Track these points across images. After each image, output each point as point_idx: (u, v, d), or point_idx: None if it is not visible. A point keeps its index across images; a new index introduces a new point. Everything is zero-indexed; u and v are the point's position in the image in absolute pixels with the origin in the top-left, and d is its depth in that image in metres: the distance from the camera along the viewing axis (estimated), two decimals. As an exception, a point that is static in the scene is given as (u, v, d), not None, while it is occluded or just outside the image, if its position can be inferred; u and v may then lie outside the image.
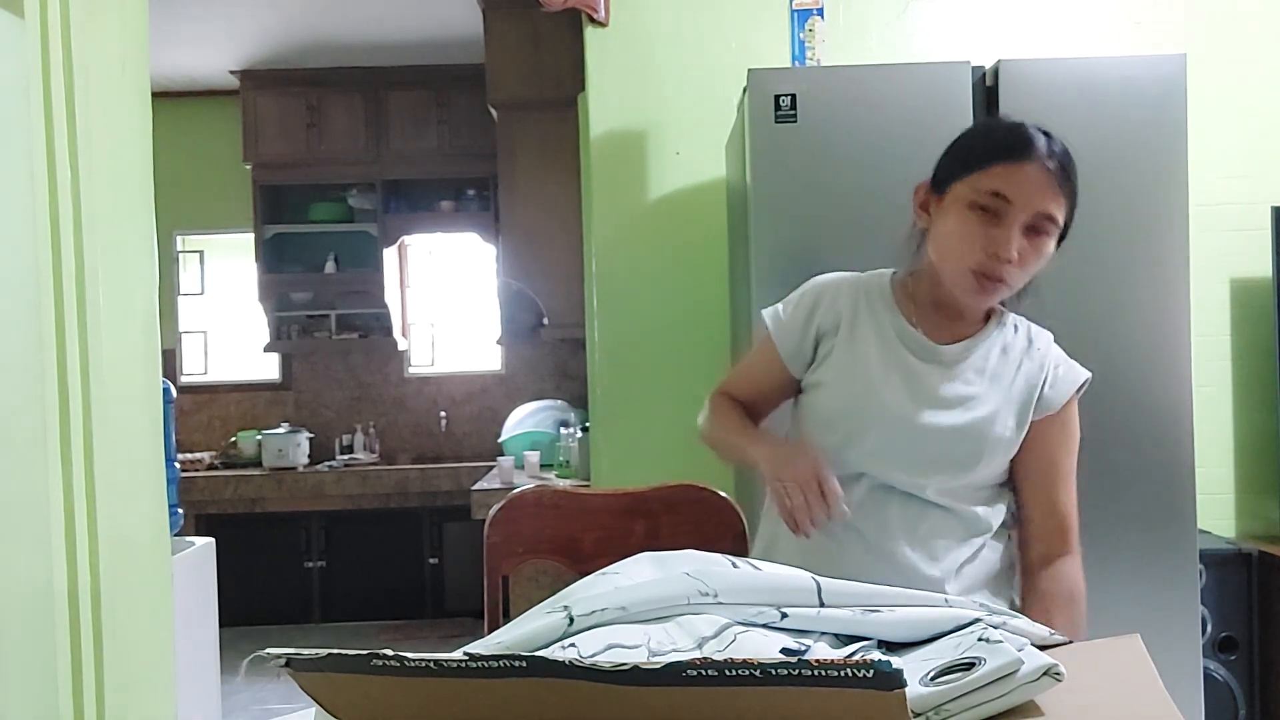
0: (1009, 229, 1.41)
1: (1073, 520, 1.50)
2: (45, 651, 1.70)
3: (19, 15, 1.66)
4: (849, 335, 1.53)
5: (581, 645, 1.00)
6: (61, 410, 1.74)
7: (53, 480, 1.72)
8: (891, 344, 1.51)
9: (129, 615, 1.88)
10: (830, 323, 1.55)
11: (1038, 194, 1.41)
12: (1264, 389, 3.17)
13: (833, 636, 1.06)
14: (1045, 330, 1.58)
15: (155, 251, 2.08)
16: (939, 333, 1.52)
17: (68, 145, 1.75)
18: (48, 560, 1.71)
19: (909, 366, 1.50)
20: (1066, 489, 1.50)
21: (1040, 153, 1.42)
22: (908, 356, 1.50)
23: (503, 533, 1.65)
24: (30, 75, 1.69)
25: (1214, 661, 2.85)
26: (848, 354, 1.52)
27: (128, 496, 1.90)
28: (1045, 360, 1.52)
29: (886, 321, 1.53)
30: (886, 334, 1.52)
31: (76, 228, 1.76)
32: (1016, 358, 1.52)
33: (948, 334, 1.52)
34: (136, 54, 1.98)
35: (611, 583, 1.12)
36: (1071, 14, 3.22)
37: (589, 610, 1.04)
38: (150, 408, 2.04)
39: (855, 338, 1.53)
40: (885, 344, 1.51)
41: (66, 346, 1.74)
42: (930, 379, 1.49)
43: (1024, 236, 1.42)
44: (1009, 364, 1.51)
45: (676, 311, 3.20)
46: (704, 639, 1.01)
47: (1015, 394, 1.49)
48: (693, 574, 1.07)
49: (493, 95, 4.19)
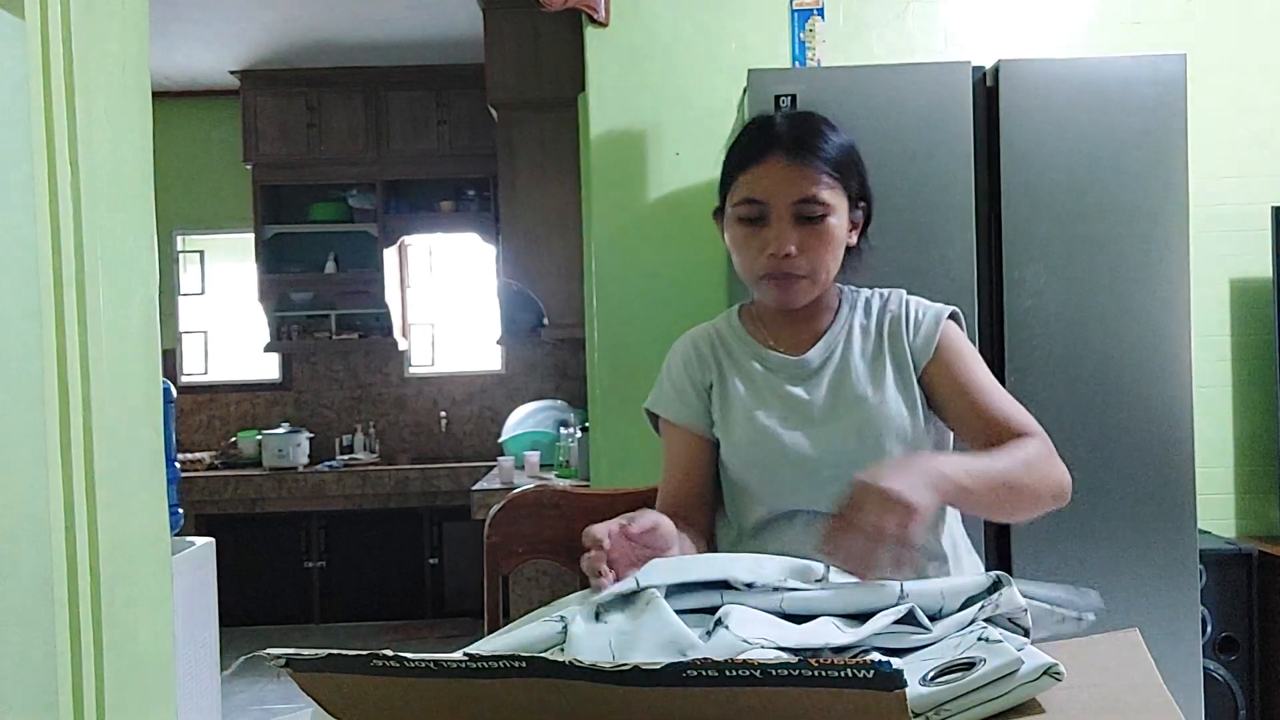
0: (776, 226, 1.41)
1: (1017, 418, 1.41)
2: (45, 651, 1.70)
3: (19, 15, 1.66)
4: (721, 385, 1.51)
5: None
6: (61, 410, 1.74)
7: (53, 480, 1.72)
8: (757, 377, 1.49)
9: (129, 615, 1.88)
10: (705, 376, 1.52)
11: (787, 185, 1.40)
12: (1264, 389, 3.18)
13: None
14: (898, 289, 1.54)
15: (155, 251, 2.08)
16: (798, 341, 1.50)
17: (68, 145, 1.75)
18: (48, 560, 1.71)
19: (783, 394, 1.47)
20: (994, 398, 1.43)
21: (780, 144, 1.40)
22: (778, 384, 1.48)
23: (503, 533, 1.65)
24: (30, 75, 1.69)
25: (1214, 661, 2.86)
26: (728, 403, 1.49)
27: (128, 496, 1.90)
28: (901, 314, 1.49)
29: (746, 354, 1.52)
30: (750, 368, 1.50)
31: (76, 228, 1.76)
32: (876, 326, 1.49)
33: (807, 336, 1.50)
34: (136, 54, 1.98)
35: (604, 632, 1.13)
36: (1071, 14, 3.22)
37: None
38: (150, 407, 2.04)
39: (726, 385, 1.51)
40: (752, 380, 1.49)
41: (66, 346, 1.74)
42: (806, 396, 1.46)
43: (799, 226, 1.40)
44: (871, 337, 1.48)
45: (676, 311, 3.20)
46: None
47: (889, 363, 1.46)
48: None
49: (493, 95, 4.19)
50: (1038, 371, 2.51)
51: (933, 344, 1.46)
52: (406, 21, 5.03)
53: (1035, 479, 1.33)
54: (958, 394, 1.44)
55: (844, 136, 1.46)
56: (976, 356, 1.49)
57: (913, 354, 1.46)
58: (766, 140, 1.42)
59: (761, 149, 1.42)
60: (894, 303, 1.51)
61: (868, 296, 1.54)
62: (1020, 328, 2.52)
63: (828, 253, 1.43)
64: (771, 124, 1.44)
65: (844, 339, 1.49)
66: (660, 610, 1.04)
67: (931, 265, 2.46)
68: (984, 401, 1.43)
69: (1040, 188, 2.51)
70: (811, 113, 1.48)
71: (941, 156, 2.49)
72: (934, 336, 1.46)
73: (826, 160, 1.41)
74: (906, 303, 1.51)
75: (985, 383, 1.45)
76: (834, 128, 1.45)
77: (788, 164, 1.40)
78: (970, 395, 1.43)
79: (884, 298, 1.52)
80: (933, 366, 1.45)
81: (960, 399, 1.44)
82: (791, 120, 1.44)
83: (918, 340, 1.46)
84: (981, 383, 1.45)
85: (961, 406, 1.44)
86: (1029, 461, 1.34)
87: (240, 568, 5.23)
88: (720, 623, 1.01)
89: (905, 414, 1.43)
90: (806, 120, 1.45)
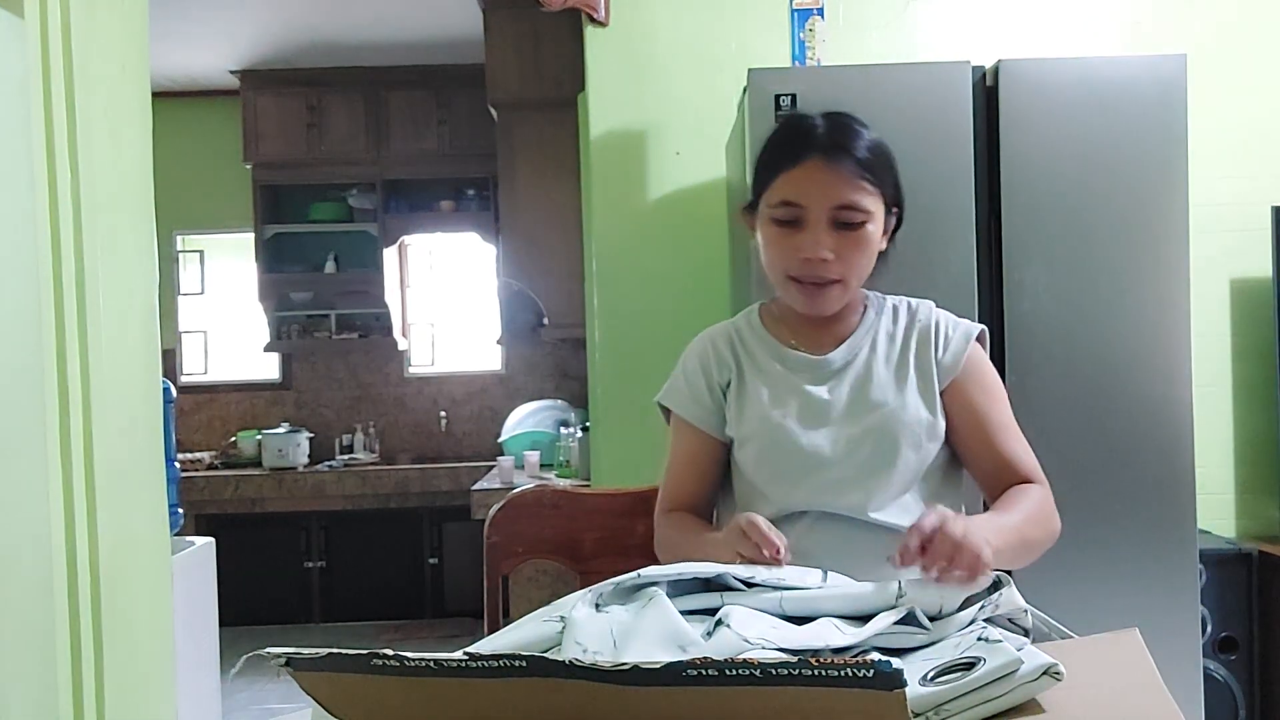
0: (812, 231, 1.39)
1: (1025, 461, 1.43)
2: (45, 651, 1.70)
3: (19, 15, 1.66)
4: (739, 383, 1.50)
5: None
6: (61, 410, 1.74)
7: (53, 480, 1.72)
8: (778, 377, 1.48)
9: (129, 615, 1.88)
10: (722, 375, 1.51)
11: (827, 190, 1.38)
12: (1264, 389, 3.17)
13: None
14: (926, 300, 1.53)
15: (155, 251, 2.08)
16: (820, 342, 1.49)
17: (68, 145, 1.75)
18: (48, 560, 1.71)
19: (802, 394, 1.45)
20: (1007, 438, 1.44)
21: (818, 146, 1.39)
22: (798, 383, 1.46)
23: (503, 533, 1.65)
24: (30, 75, 1.69)
25: (1214, 661, 2.86)
26: (745, 402, 1.48)
27: (128, 496, 1.90)
28: (931, 328, 1.48)
29: (766, 354, 1.50)
30: (770, 367, 1.49)
31: (76, 228, 1.76)
32: (903, 336, 1.48)
33: (830, 339, 1.49)
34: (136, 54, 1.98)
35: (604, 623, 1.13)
36: (1072, 14, 3.22)
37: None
38: (150, 407, 2.04)
39: (745, 383, 1.49)
40: (772, 379, 1.48)
41: (66, 346, 1.74)
42: (826, 397, 1.44)
43: (836, 231, 1.39)
44: (897, 345, 1.47)
45: (677, 311, 3.19)
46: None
47: (913, 372, 1.45)
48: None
49: (493, 95, 4.19)
50: (1038, 371, 2.51)
51: (960, 363, 1.45)
52: (406, 21, 5.03)
53: (1042, 534, 1.38)
54: (973, 425, 1.44)
55: (881, 140, 1.44)
56: (999, 385, 1.49)
57: (939, 369, 1.45)
58: (807, 142, 1.40)
59: (801, 150, 1.40)
60: (923, 314, 1.50)
61: (895, 304, 1.53)
62: (1020, 328, 2.51)
63: (862, 259, 1.42)
64: (811, 125, 1.42)
65: (869, 344, 1.48)
66: (663, 606, 1.04)
67: (931, 265, 2.46)
68: (997, 440, 1.43)
69: (1040, 187, 2.51)
70: (847, 114, 1.45)
71: (941, 156, 2.49)
72: (961, 355, 1.46)
73: (866, 166, 1.40)
74: (936, 316, 1.50)
75: (1002, 419, 1.45)
76: (868, 128, 1.44)
77: (827, 168, 1.38)
78: (985, 430, 1.44)
79: (912, 309, 1.51)
80: (955, 386, 1.45)
81: (975, 431, 1.44)
82: (831, 122, 1.42)
83: (946, 357, 1.46)
84: (998, 419, 1.45)
85: (974, 439, 1.44)
86: (1036, 517, 1.37)
87: (240, 568, 5.23)
88: (721, 622, 1.01)
89: (924, 423, 1.42)
90: (846, 123, 1.43)
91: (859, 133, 1.42)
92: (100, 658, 1.78)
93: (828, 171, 1.38)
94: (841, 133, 1.41)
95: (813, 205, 1.39)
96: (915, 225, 1.56)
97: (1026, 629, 1.18)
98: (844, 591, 1.11)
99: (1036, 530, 1.36)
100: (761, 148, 1.48)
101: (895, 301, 1.53)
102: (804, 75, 2.62)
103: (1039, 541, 1.37)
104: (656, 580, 1.10)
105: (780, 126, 1.47)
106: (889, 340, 1.48)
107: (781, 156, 1.42)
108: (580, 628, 1.01)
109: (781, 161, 1.42)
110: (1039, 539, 1.37)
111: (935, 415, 1.43)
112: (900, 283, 1.56)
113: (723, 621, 1.01)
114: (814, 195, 1.39)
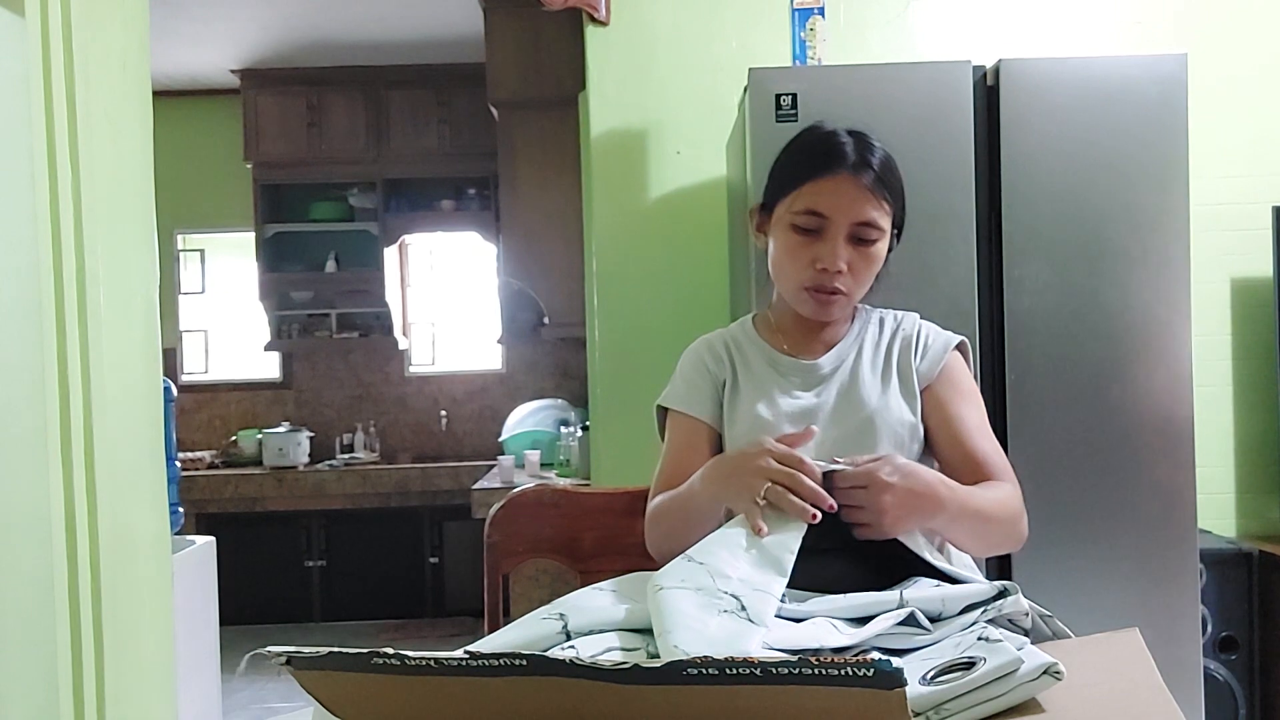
0: (831, 242, 1.43)
1: (996, 462, 1.45)
2: (45, 651, 1.70)
3: (19, 14, 1.66)
4: (733, 384, 1.54)
5: (580, 647, 1.01)
6: (62, 409, 1.74)
7: (53, 480, 1.72)
8: (770, 380, 1.51)
9: (129, 615, 1.88)
10: (719, 372, 1.55)
11: (852, 205, 1.42)
12: (1264, 389, 3.18)
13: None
14: (911, 312, 1.59)
15: (155, 250, 2.08)
16: (811, 349, 1.53)
17: (68, 145, 1.75)
18: (48, 559, 1.71)
19: (792, 396, 1.49)
20: (980, 438, 1.47)
21: (849, 163, 1.43)
22: (789, 386, 1.50)
23: (503, 532, 1.65)
24: (30, 75, 1.69)
25: (1214, 661, 2.86)
26: (737, 402, 1.52)
27: (128, 496, 1.90)
28: (913, 336, 1.53)
29: (760, 358, 1.54)
30: (763, 371, 1.52)
31: (77, 228, 1.76)
32: (887, 344, 1.53)
33: (820, 345, 1.53)
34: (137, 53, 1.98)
35: (607, 599, 1.14)
36: (1072, 14, 3.22)
37: (584, 623, 1.06)
38: (150, 407, 2.04)
39: (739, 385, 1.53)
40: (764, 382, 1.51)
41: (67, 346, 1.74)
42: (815, 400, 1.48)
43: (851, 246, 1.44)
44: (882, 352, 1.52)
45: (676, 311, 3.20)
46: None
47: (896, 376, 1.50)
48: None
49: (493, 94, 4.19)
50: (1038, 371, 2.51)
51: (936, 369, 1.50)
52: (406, 21, 5.03)
53: (1002, 518, 1.38)
54: (944, 424, 1.48)
55: (894, 160, 1.48)
56: (974, 391, 1.53)
57: (917, 375, 1.50)
58: (839, 155, 1.43)
59: (834, 163, 1.43)
60: (908, 325, 1.55)
61: (881, 315, 1.57)
62: (1020, 327, 2.51)
63: (870, 275, 1.48)
64: (839, 139, 1.45)
65: (856, 351, 1.52)
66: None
67: (931, 265, 2.46)
68: (968, 439, 1.47)
69: (1040, 187, 2.51)
70: (865, 131, 1.49)
71: (942, 156, 2.49)
72: (939, 362, 1.50)
73: (887, 186, 1.44)
74: (920, 326, 1.55)
75: (974, 421, 1.49)
76: (881, 146, 1.48)
77: (855, 184, 1.42)
78: (955, 429, 1.47)
79: (898, 319, 1.56)
80: (931, 391, 1.49)
81: (945, 429, 1.47)
82: (857, 140, 1.46)
83: (923, 364, 1.50)
84: (970, 420, 1.48)
85: (945, 438, 1.47)
86: (1000, 500, 1.39)
87: (241, 567, 5.24)
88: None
89: (907, 425, 1.46)
90: (870, 141, 1.46)
91: (882, 152, 1.46)
92: (101, 656, 1.78)
93: (855, 187, 1.42)
94: (870, 150, 1.45)
95: (836, 218, 1.43)
96: (916, 225, 1.56)
97: (1026, 630, 1.18)
98: (844, 595, 1.11)
99: (998, 511, 1.37)
100: (785, 152, 1.51)
101: (882, 313, 1.58)
102: (805, 75, 2.62)
103: (998, 524, 1.38)
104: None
105: (807, 134, 1.51)
106: (875, 347, 1.53)
107: (811, 166, 1.45)
108: (580, 599, 1.03)
109: (811, 170, 1.44)
110: (999, 522, 1.37)
111: (917, 418, 1.48)
112: (901, 282, 1.57)
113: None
114: (840, 208, 1.42)
